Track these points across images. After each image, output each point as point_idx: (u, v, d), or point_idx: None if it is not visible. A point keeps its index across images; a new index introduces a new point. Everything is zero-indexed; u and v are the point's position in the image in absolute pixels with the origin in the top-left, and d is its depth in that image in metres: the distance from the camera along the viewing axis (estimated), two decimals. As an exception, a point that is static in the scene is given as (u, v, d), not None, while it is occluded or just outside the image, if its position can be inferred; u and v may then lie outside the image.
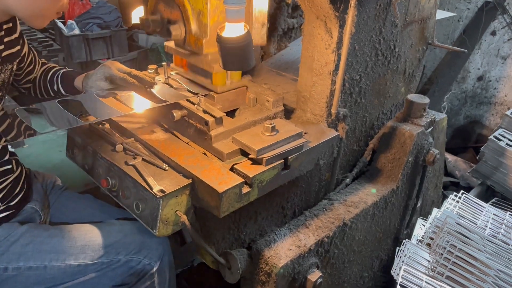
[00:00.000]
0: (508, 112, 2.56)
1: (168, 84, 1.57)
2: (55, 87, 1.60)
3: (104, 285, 1.41)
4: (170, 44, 1.55)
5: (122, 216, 1.54)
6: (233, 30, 1.16)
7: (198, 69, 1.51)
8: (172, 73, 1.66)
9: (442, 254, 1.63)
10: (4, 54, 1.33)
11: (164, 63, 1.58)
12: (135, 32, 4.04)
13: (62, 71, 1.63)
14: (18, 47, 1.42)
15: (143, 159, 1.33)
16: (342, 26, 1.38)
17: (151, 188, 1.21)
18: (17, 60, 1.43)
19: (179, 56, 1.57)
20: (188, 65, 1.58)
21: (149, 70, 1.58)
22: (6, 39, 1.34)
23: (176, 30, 1.41)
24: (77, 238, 1.37)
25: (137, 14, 1.60)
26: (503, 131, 2.52)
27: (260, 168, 1.27)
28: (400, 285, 1.52)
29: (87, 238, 1.38)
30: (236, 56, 1.19)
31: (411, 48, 1.79)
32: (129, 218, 1.51)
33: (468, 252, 1.62)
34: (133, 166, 1.30)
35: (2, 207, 1.36)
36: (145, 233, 1.42)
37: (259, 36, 1.45)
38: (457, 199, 2.03)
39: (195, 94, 1.49)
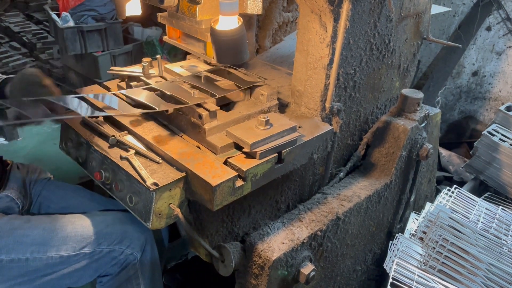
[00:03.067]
0: (501, 107, 2.57)
1: (162, 77, 1.56)
2: None
3: (88, 276, 1.42)
4: (163, 14, 1.54)
5: (111, 205, 1.55)
6: (227, 23, 1.16)
7: (193, 40, 1.50)
8: (167, 66, 1.66)
9: (434, 248, 1.64)
10: None
11: (158, 56, 1.57)
12: (131, 25, 4.02)
13: None
14: None
15: (137, 152, 1.33)
16: (336, 20, 1.38)
17: (145, 181, 1.21)
18: None
19: (173, 27, 1.55)
20: (182, 36, 1.57)
21: (143, 63, 1.57)
22: None
23: None
24: (58, 229, 1.37)
25: (131, 6, 1.59)
26: (496, 126, 2.53)
27: (254, 162, 1.27)
28: (392, 278, 1.53)
29: (69, 229, 1.38)
30: (230, 49, 1.19)
31: (406, 42, 1.79)
32: (117, 209, 1.51)
33: (460, 246, 1.63)
34: (127, 159, 1.30)
35: None
36: (127, 223, 1.43)
37: (254, 4, 1.42)
38: (450, 193, 2.04)
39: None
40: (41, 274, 1.35)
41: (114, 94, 1.45)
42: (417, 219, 1.97)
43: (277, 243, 1.41)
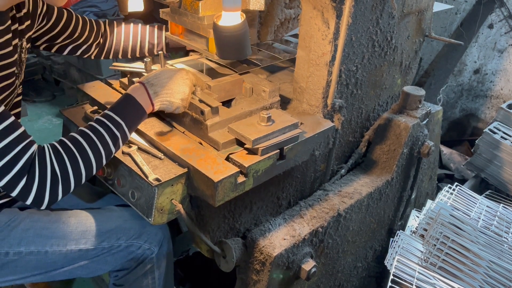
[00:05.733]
0: (503, 105, 2.57)
1: (164, 73, 1.56)
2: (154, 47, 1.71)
3: (102, 269, 1.42)
4: (166, 10, 1.54)
5: (120, 203, 1.55)
6: (230, 19, 1.15)
7: (195, 36, 1.50)
8: (169, 62, 1.66)
9: (435, 245, 1.65)
10: (12, 28, 1.27)
11: (160, 52, 1.57)
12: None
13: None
14: (28, 22, 1.37)
15: (139, 148, 1.34)
16: (339, 16, 1.37)
17: (147, 177, 1.22)
18: (27, 37, 1.37)
19: (175, 23, 1.55)
20: (185, 32, 1.56)
21: (145, 59, 1.57)
22: (11, 14, 1.27)
23: None
24: (77, 223, 1.38)
25: (133, 2, 1.59)
26: (498, 124, 2.53)
27: (256, 158, 1.27)
28: (393, 275, 1.53)
29: (88, 224, 1.39)
30: (232, 45, 1.19)
31: (408, 39, 1.79)
32: (126, 204, 1.52)
33: (461, 243, 1.63)
34: (129, 154, 1.30)
35: (3, 193, 1.37)
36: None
37: (257, 0, 1.41)
38: (451, 191, 2.04)
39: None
40: (58, 266, 1.36)
41: None
42: (418, 217, 1.97)
43: (278, 239, 1.42)
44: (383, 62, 1.71)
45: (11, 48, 1.23)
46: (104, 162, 1.20)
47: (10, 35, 1.22)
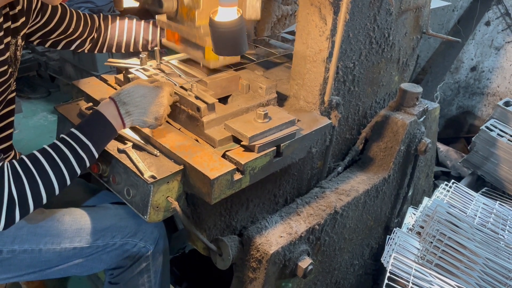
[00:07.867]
0: (500, 103, 2.57)
1: (160, 69, 1.55)
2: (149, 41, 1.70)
3: (97, 267, 1.41)
4: (162, 17, 1.52)
5: (115, 200, 1.54)
6: (226, 15, 1.14)
7: (191, 44, 1.49)
8: (165, 58, 1.65)
9: (431, 242, 1.64)
10: (5, 26, 1.25)
11: (156, 48, 1.56)
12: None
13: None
14: (23, 19, 1.35)
15: (134, 145, 1.32)
16: (336, 12, 1.37)
17: (142, 174, 1.20)
18: (22, 34, 1.35)
19: (171, 30, 1.54)
20: (180, 39, 1.55)
21: (141, 55, 1.56)
22: (4, 12, 1.26)
23: (168, 2, 1.38)
24: (72, 221, 1.36)
25: (129, -2, 1.58)
26: (494, 121, 2.53)
27: (252, 155, 1.26)
28: (389, 272, 1.53)
29: (82, 222, 1.37)
30: (229, 41, 1.18)
31: (405, 36, 1.79)
32: (122, 202, 1.51)
33: (458, 241, 1.63)
34: (124, 151, 1.29)
35: None
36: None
37: (253, 10, 1.39)
38: (447, 188, 2.04)
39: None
40: (53, 265, 1.35)
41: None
42: (414, 214, 1.97)
43: (275, 236, 1.41)
44: (381, 59, 1.70)
45: (2, 46, 1.21)
46: (68, 182, 1.15)
47: (2, 33, 1.21)
